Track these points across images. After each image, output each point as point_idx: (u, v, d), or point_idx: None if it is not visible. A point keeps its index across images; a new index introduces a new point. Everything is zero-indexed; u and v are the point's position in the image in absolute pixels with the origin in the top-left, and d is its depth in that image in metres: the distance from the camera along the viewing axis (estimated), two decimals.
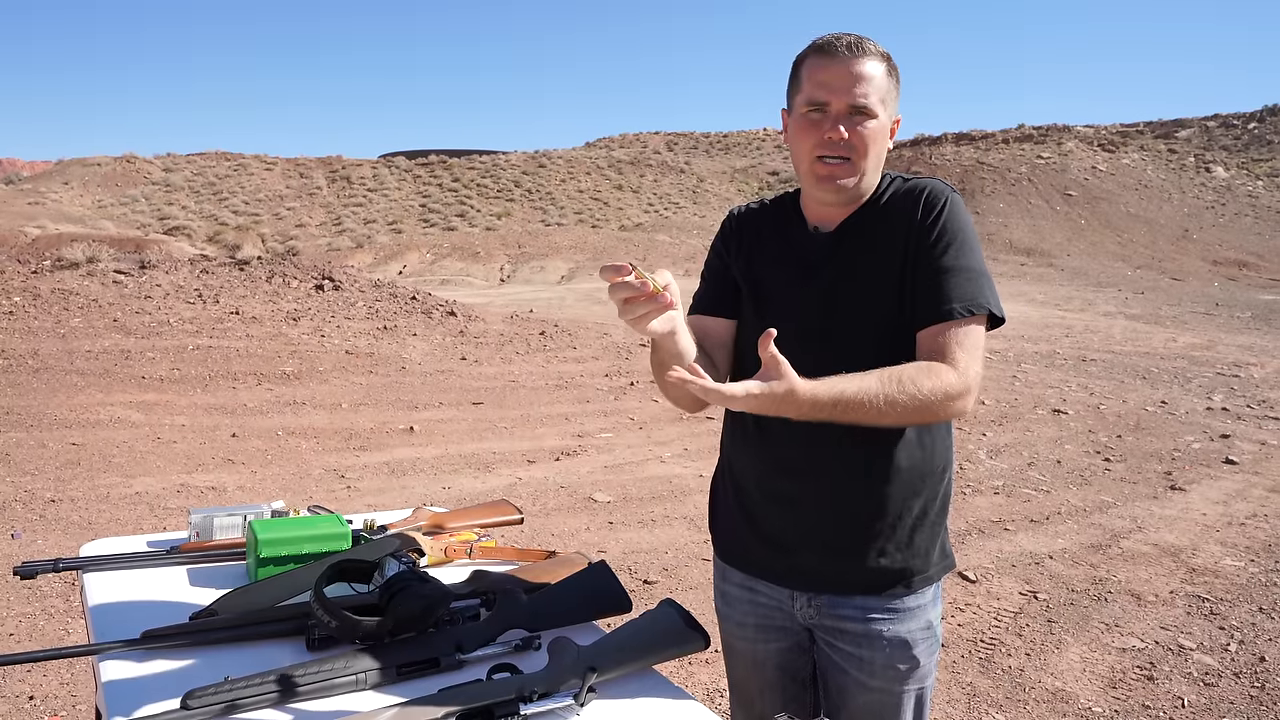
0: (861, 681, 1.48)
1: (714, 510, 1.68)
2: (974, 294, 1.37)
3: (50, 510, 4.91)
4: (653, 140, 56.91)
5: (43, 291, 10.70)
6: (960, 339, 1.36)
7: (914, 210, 1.42)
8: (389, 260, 23.93)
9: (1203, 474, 6.30)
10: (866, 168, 1.41)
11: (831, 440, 1.44)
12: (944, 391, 1.30)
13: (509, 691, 1.17)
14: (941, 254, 1.39)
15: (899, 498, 1.45)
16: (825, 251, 1.47)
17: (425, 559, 1.70)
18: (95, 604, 1.50)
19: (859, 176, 1.41)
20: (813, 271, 1.47)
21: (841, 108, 1.39)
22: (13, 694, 3.07)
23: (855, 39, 1.40)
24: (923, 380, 1.29)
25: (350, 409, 7.59)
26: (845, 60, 1.39)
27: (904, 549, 1.47)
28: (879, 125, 1.40)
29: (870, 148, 1.40)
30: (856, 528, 1.46)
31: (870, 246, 1.44)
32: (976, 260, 1.41)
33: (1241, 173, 36.44)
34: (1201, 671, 3.46)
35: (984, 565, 4.51)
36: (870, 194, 1.48)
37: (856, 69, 1.38)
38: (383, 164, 40.91)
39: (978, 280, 1.39)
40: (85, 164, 36.65)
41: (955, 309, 1.36)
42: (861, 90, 1.38)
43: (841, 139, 1.38)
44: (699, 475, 5.95)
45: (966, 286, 1.37)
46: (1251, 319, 16.29)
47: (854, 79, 1.38)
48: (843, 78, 1.38)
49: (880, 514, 1.45)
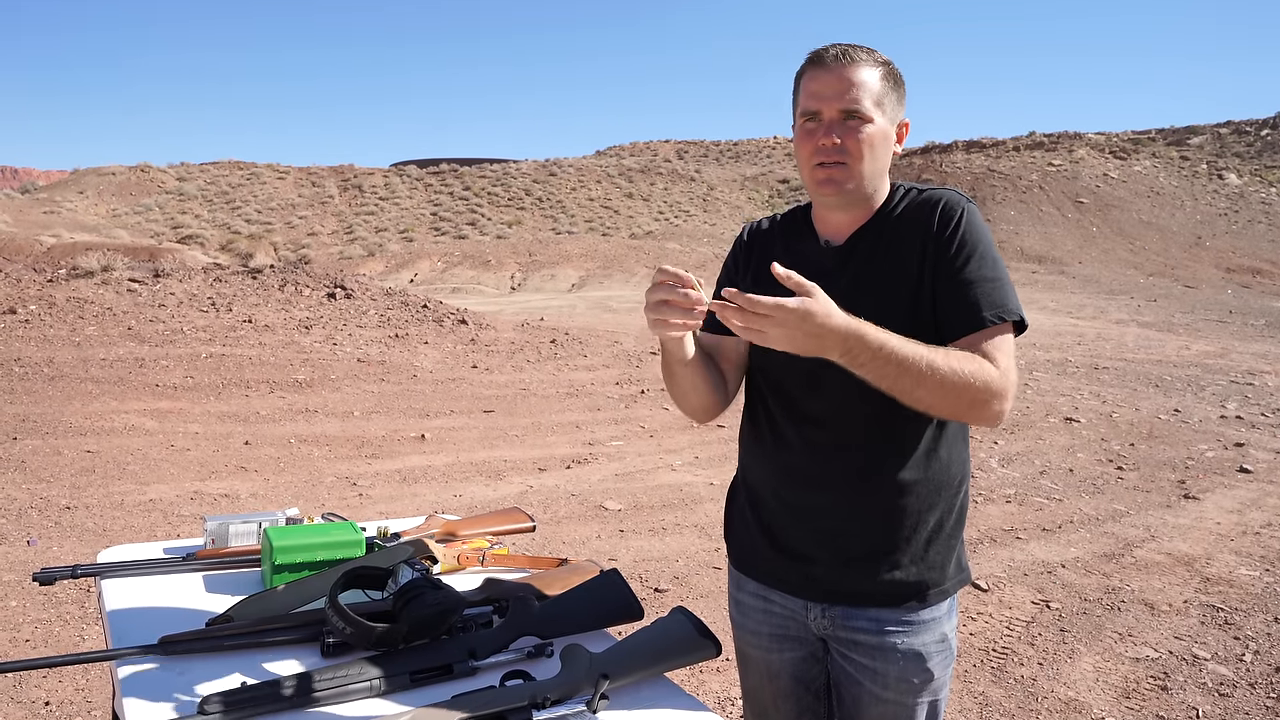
0: (875, 693, 1.48)
1: (729, 519, 1.69)
2: (1002, 301, 1.38)
3: (65, 517, 4.95)
4: (663, 148, 57.03)
5: (58, 300, 10.78)
6: (996, 345, 1.36)
7: (930, 222, 1.42)
8: (400, 269, 24.02)
9: (1217, 482, 6.26)
10: (864, 171, 1.42)
11: (847, 450, 1.45)
12: (985, 381, 1.31)
13: (522, 698, 1.18)
14: (964, 265, 1.39)
15: (914, 510, 1.45)
16: (835, 263, 1.47)
17: (438, 566, 1.71)
18: (113, 610, 1.51)
19: (857, 180, 1.42)
20: (822, 284, 1.47)
21: (833, 114, 1.40)
22: (29, 699, 3.09)
23: (845, 48, 1.42)
24: (968, 363, 1.31)
25: (362, 417, 7.62)
26: (834, 68, 1.40)
27: (919, 562, 1.46)
28: (875, 129, 1.40)
29: (866, 151, 1.40)
30: (871, 539, 1.46)
31: (881, 257, 1.45)
32: (999, 268, 1.42)
33: (1255, 180, 36.22)
34: (1216, 682, 3.44)
35: (996, 574, 4.49)
36: (881, 204, 1.48)
37: (845, 75, 1.39)
38: (394, 173, 41.11)
39: (1003, 288, 1.40)
40: (100, 173, 36.96)
41: (986, 317, 1.37)
42: (852, 95, 1.39)
43: (834, 144, 1.39)
44: (710, 483, 5.95)
45: (994, 294, 1.38)
46: (1265, 326, 16.18)
47: (843, 85, 1.39)
48: (832, 85, 1.40)
49: (896, 526, 1.45)
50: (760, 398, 1.58)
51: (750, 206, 39.23)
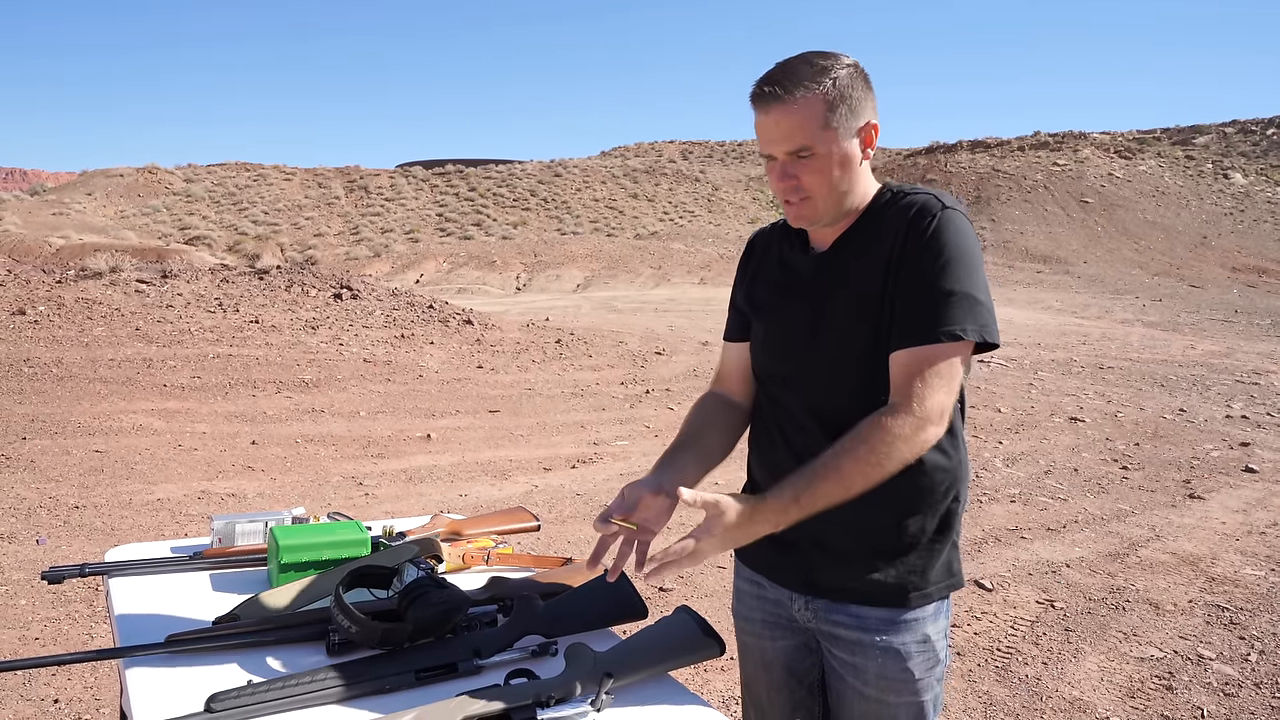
0: (858, 689, 1.48)
1: None
2: (959, 318, 1.32)
3: (74, 516, 4.97)
4: (668, 149, 57.01)
5: (67, 301, 10.83)
6: (929, 367, 1.31)
7: (902, 227, 1.39)
8: (406, 269, 24.06)
9: (1222, 482, 6.24)
10: (828, 199, 1.40)
11: None
12: (889, 446, 1.29)
13: (526, 697, 1.19)
14: (925, 273, 1.35)
15: (891, 515, 1.44)
16: (819, 268, 1.48)
17: (443, 565, 1.72)
18: (121, 608, 1.53)
19: (822, 209, 1.41)
20: (806, 287, 1.49)
21: (782, 157, 1.39)
22: (38, 697, 3.11)
23: (776, 77, 1.36)
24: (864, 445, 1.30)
25: (368, 417, 7.64)
26: (771, 110, 1.36)
27: (897, 565, 1.45)
28: (828, 156, 1.37)
29: (823, 182, 1.38)
30: (850, 538, 1.45)
31: (859, 258, 1.44)
32: (970, 281, 1.34)
33: (1260, 179, 36.09)
34: (1221, 681, 3.43)
35: (1000, 574, 4.49)
36: (866, 208, 1.46)
37: (781, 117, 1.35)
38: (400, 174, 41.16)
39: (966, 303, 1.33)
40: (108, 175, 37.07)
41: (935, 333, 1.32)
42: (791, 139, 1.36)
43: (793, 186, 1.39)
44: (713, 483, 5.95)
45: (953, 309, 1.32)
46: (1271, 326, 16.13)
47: (781, 128, 1.36)
48: (770, 129, 1.37)
49: (872, 530, 1.45)
50: (757, 400, 1.62)
51: (755, 207, 39.20)
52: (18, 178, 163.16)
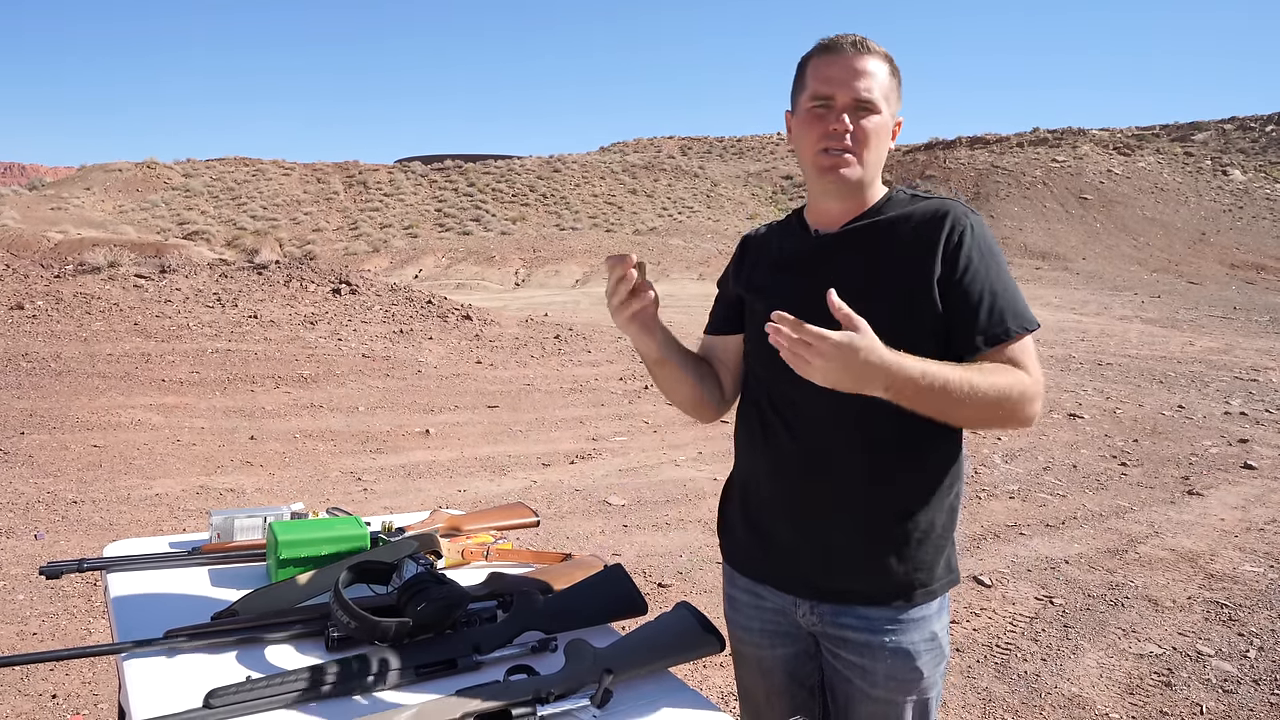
0: (865, 691, 1.48)
1: (722, 515, 1.69)
2: (1020, 310, 1.41)
3: (72, 511, 4.97)
4: (667, 145, 56.92)
5: (65, 295, 10.82)
6: (1024, 351, 1.39)
7: (937, 237, 1.41)
8: (405, 264, 24.04)
9: (1221, 479, 6.25)
10: (868, 161, 1.43)
11: (837, 449, 1.45)
12: (1021, 390, 1.34)
13: (526, 693, 1.18)
14: (982, 279, 1.40)
15: (905, 510, 1.45)
16: (825, 251, 1.49)
17: (443, 561, 1.72)
18: (119, 603, 1.52)
19: (861, 169, 1.43)
20: (811, 268, 1.49)
21: (847, 101, 1.41)
22: (36, 692, 3.11)
23: (859, 38, 1.44)
24: (1002, 375, 1.33)
25: (367, 412, 7.63)
26: (850, 56, 1.42)
27: (908, 562, 1.45)
28: (881, 121, 1.42)
29: (872, 142, 1.42)
30: (858, 538, 1.45)
31: (872, 254, 1.44)
32: (1010, 276, 1.44)
33: (1259, 175, 36.07)
34: (1220, 678, 3.44)
35: (999, 570, 4.49)
36: (876, 201, 1.49)
37: (860, 65, 1.41)
38: (399, 169, 41.09)
39: (1017, 296, 1.42)
40: (107, 170, 36.99)
41: (1010, 329, 1.39)
42: (865, 85, 1.41)
43: (846, 130, 1.41)
44: (713, 479, 5.96)
45: (1014, 305, 1.41)
46: (1270, 322, 16.13)
47: (858, 74, 1.41)
48: (847, 72, 1.41)
49: (885, 526, 1.45)
50: (752, 395, 1.59)
51: (754, 203, 39.16)
52: (16, 172, 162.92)
